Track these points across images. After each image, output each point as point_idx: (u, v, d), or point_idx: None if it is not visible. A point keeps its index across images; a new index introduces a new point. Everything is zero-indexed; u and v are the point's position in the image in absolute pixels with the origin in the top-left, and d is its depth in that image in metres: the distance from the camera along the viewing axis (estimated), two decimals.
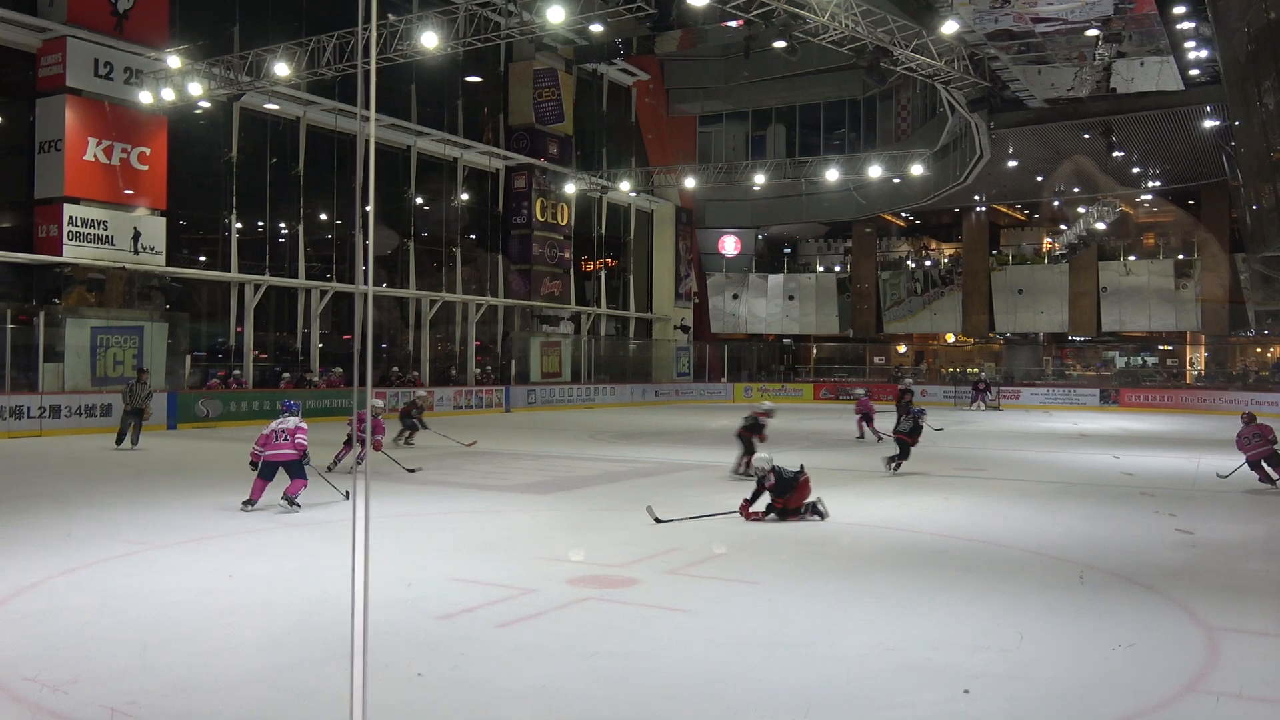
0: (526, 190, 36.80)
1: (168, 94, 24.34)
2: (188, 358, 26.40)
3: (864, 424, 22.86)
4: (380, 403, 15.62)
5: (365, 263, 5.76)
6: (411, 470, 15.34)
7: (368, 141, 4.24)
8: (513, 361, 36.68)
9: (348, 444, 15.18)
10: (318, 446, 13.17)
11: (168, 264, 25.65)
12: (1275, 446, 14.25)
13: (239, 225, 28.21)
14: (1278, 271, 33.38)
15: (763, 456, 11.99)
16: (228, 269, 27.80)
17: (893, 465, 16.17)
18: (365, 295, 4.26)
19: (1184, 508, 12.98)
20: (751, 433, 15.82)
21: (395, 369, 31.91)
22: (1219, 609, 7.75)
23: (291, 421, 11.76)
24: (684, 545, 10.03)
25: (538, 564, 9.19)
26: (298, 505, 11.74)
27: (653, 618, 7.38)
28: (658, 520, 11.07)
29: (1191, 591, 8.33)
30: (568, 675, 6.04)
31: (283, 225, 29.86)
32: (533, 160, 36.70)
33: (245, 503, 11.71)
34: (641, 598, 7.92)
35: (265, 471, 11.70)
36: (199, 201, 27.71)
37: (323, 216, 31.17)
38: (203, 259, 28.20)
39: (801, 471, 11.67)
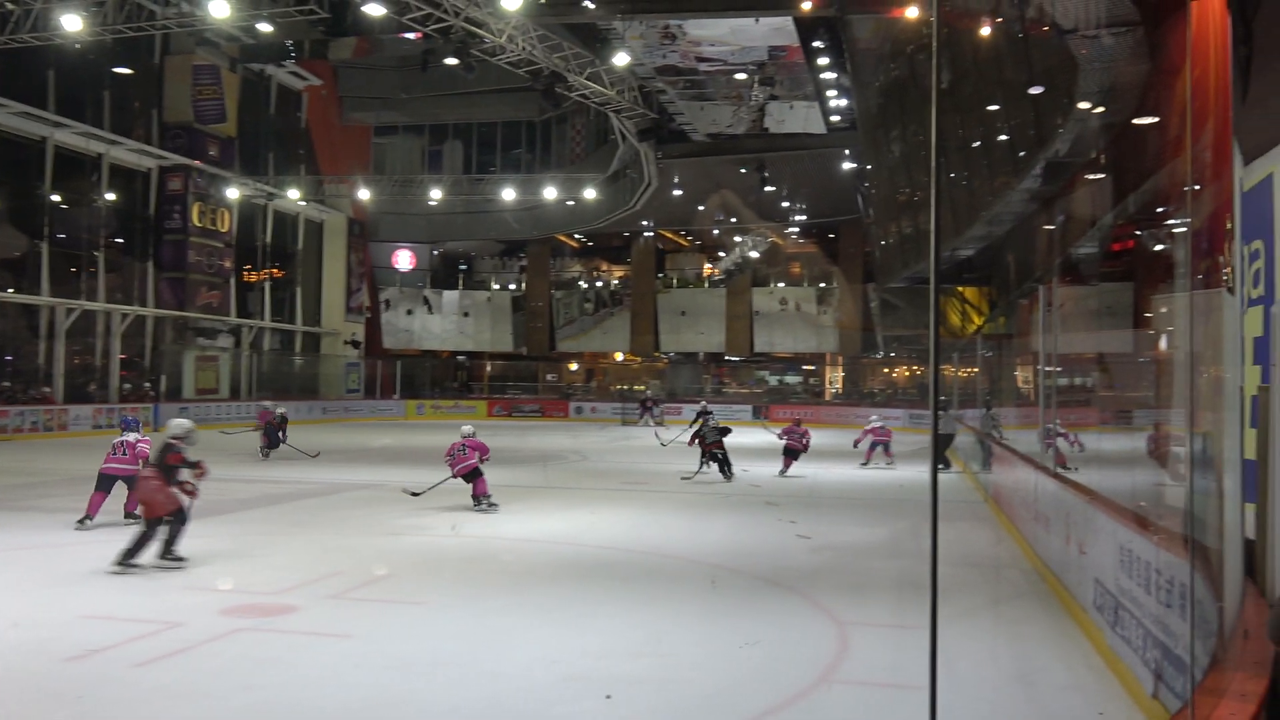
0: (182, 193, 34.28)
1: None
2: None
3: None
4: (470, 427, 14.16)
5: None
6: (416, 494, 14.10)
7: None
8: (163, 377, 33.98)
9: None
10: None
11: None
12: (804, 443, 19.26)
13: None
14: (901, 300, 37.47)
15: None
16: None
17: (728, 476, 18.03)
18: None
19: (804, 514, 14.13)
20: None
21: (5, 384, 28.52)
22: (848, 605, 8.56)
23: (131, 436, 11.88)
24: (346, 569, 9.72)
25: (186, 595, 8.56)
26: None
27: (313, 645, 7.10)
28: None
29: (826, 590, 9.13)
30: (216, 713, 5.67)
31: None
32: (190, 161, 34.26)
33: (80, 520, 11.51)
34: (301, 625, 7.59)
35: (102, 483, 11.66)
36: None
37: None
38: None
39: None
